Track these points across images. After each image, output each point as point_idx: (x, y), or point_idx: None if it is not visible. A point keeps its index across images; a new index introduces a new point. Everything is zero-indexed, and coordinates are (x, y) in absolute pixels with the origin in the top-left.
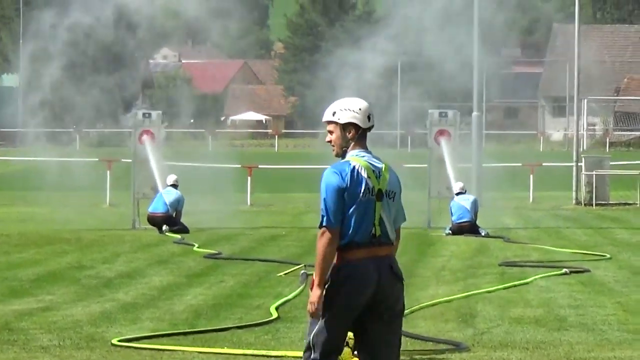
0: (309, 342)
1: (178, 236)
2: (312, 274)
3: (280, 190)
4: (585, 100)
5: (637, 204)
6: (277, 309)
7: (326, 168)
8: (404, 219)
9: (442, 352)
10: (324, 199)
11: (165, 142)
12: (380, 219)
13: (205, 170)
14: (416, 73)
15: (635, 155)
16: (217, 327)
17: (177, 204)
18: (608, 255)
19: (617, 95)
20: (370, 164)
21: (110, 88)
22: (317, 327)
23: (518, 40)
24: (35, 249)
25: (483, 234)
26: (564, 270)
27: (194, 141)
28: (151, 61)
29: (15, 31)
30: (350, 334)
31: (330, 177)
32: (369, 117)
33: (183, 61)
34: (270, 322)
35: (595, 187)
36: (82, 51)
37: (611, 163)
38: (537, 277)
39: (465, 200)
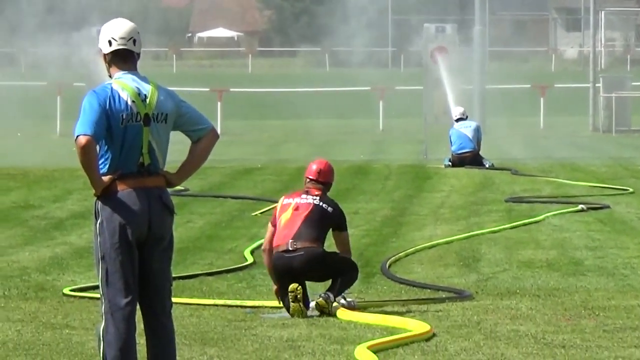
0: (100, 293)
1: None
2: None
3: (254, 117)
4: (603, 12)
5: None
6: (252, 252)
7: (308, 91)
8: (209, 123)
9: (442, 300)
10: (80, 116)
11: None
12: (150, 146)
13: None
14: None
15: None
16: (184, 274)
17: None
18: (630, 189)
19: None
20: (135, 87)
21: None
22: (100, 274)
23: None
24: None
25: (487, 165)
26: (580, 206)
27: (155, 61)
28: None
29: None
30: (295, 285)
31: (88, 98)
32: (110, 42)
33: None
34: (244, 267)
35: (615, 111)
36: None
37: (633, 84)
38: (549, 214)
39: (467, 127)
